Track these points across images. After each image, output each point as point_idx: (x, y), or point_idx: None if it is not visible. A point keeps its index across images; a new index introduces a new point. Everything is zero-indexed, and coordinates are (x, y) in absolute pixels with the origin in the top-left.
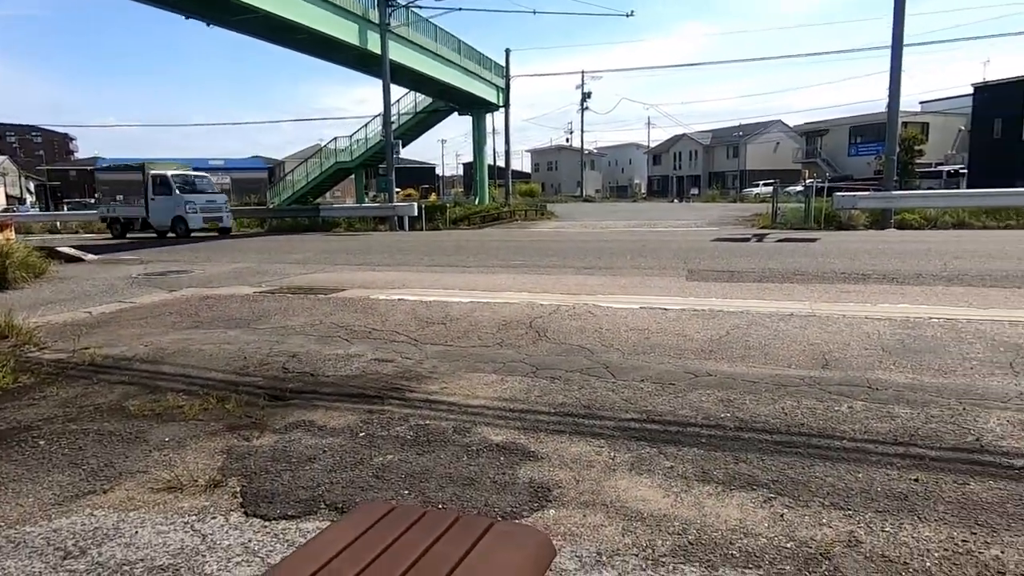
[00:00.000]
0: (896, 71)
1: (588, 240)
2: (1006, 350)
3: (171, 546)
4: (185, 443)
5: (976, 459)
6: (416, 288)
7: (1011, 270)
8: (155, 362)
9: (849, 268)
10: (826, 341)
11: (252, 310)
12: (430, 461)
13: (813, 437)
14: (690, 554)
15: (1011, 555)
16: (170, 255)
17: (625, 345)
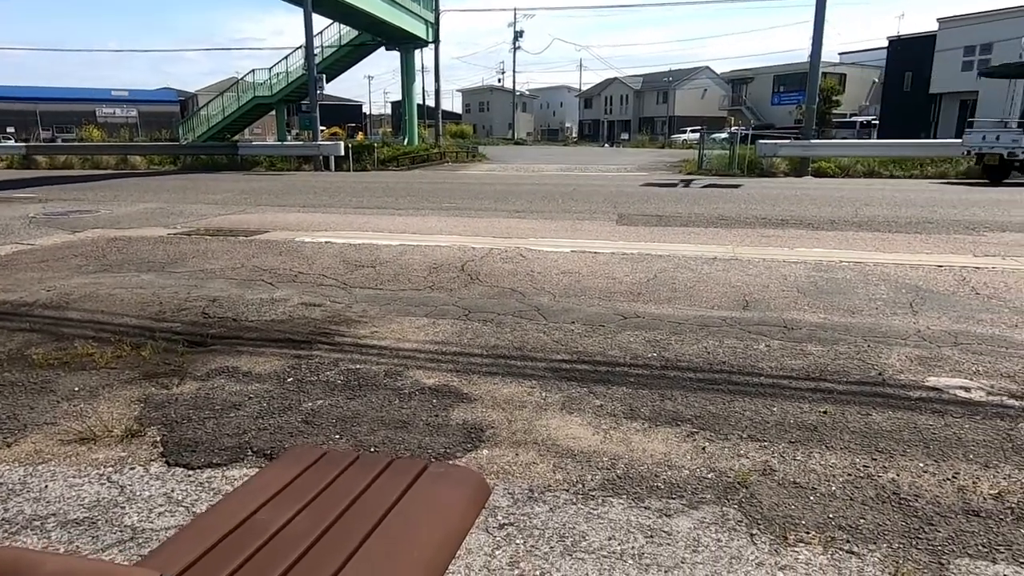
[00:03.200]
0: (819, 21)
1: (520, 184)
2: (907, 291)
3: (86, 499)
4: (97, 392)
5: (878, 392)
6: (344, 231)
7: (914, 217)
8: (60, 308)
9: (770, 214)
10: (747, 283)
11: (167, 253)
12: (361, 405)
13: (733, 374)
14: (618, 487)
15: (905, 477)
16: (72, 193)
17: (557, 288)
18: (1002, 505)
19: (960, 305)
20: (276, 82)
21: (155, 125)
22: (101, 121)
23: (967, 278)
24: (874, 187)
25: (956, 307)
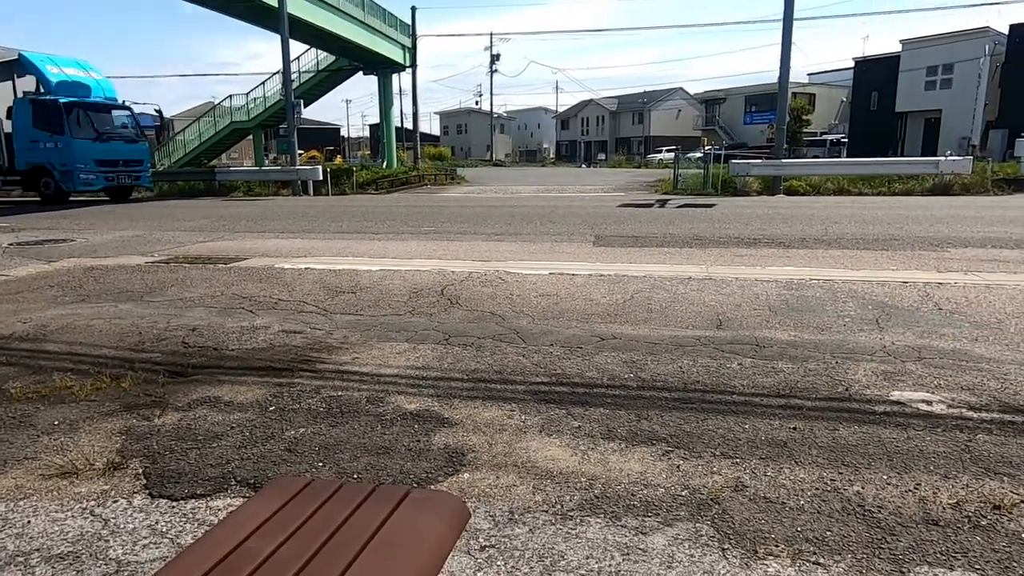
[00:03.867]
0: (787, 44)
1: (499, 206)
2: (873, 308)
3: (69, 533)
4: (78, 425)
5: (845, 407)
6: (324, 256)
7: (881, 234)
8: (37, 340)
9: (743, 233)
10: (720, 303)
11: (145, 282)
12: (344, 432)
13: (707, 393)
14: (596, 507)
15: (869, 490)
16: (46, 221)
17: (535, 311)
18: (960, 514)
19: (924, 320)
20: (254, 107)
21: None
22: None
23: (931, 294)
24: (843, 205)
25: (920, 322)
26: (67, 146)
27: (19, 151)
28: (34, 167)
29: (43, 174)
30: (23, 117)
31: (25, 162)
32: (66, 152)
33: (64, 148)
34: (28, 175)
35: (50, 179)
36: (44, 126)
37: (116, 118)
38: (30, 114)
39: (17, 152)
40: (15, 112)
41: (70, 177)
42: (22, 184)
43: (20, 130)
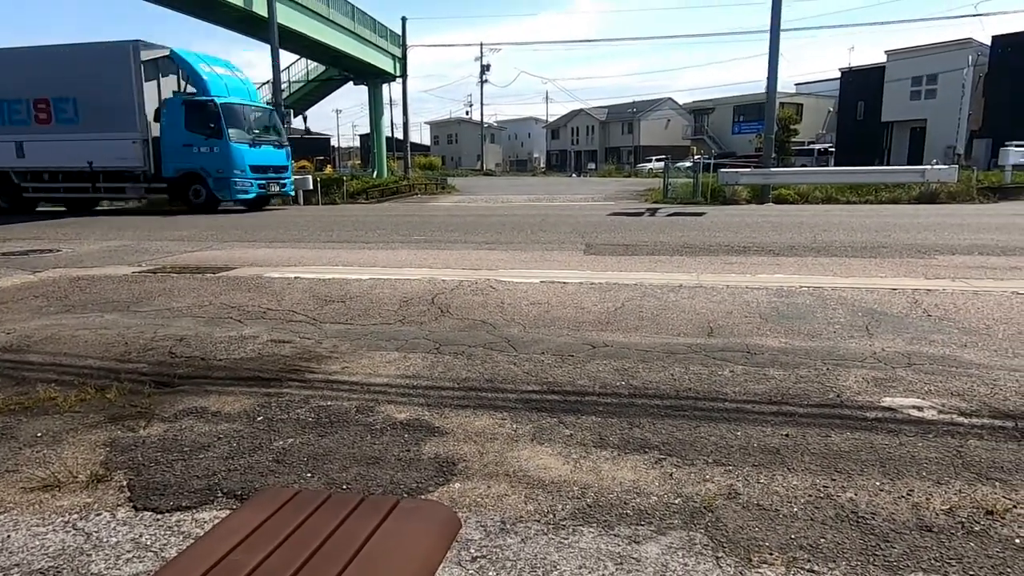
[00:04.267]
0: (774, 55)
1: (489, 215)
2: (863, 315)
3: (50, 548)
4: (61, 437)
5: (837, 413)
6: (313, 265)
7: (869, 241)
8: (20, 351)
9: (732, 241)
10: (711, 310)
11: (131, 292)
12: (333, 442)
13: (699, 400)
14: (589, 516)
15: (862, 496)
16: (31, 231)
17: (526, 319)
18: (953, 520)
19: (913, 327)
20: None
21: None
22: None
23: (919, 300)
24: (832, 213)
25: (909, 329)
26: (224, 151)
27: (168, 156)
28: (185, 174)
29: (193, 181)
30: (174, 119)
31: (175, 168)
32: (222, 157)
33: (221, 153)
34: (176, 183)
35: (202, 187)
36: (199, 129)
37: (265, 121)
38: (183, 116)
39: (165, 157)
40: (165, 113)
41: (226, 185)
42: (169, 192)
43: (170, 133)
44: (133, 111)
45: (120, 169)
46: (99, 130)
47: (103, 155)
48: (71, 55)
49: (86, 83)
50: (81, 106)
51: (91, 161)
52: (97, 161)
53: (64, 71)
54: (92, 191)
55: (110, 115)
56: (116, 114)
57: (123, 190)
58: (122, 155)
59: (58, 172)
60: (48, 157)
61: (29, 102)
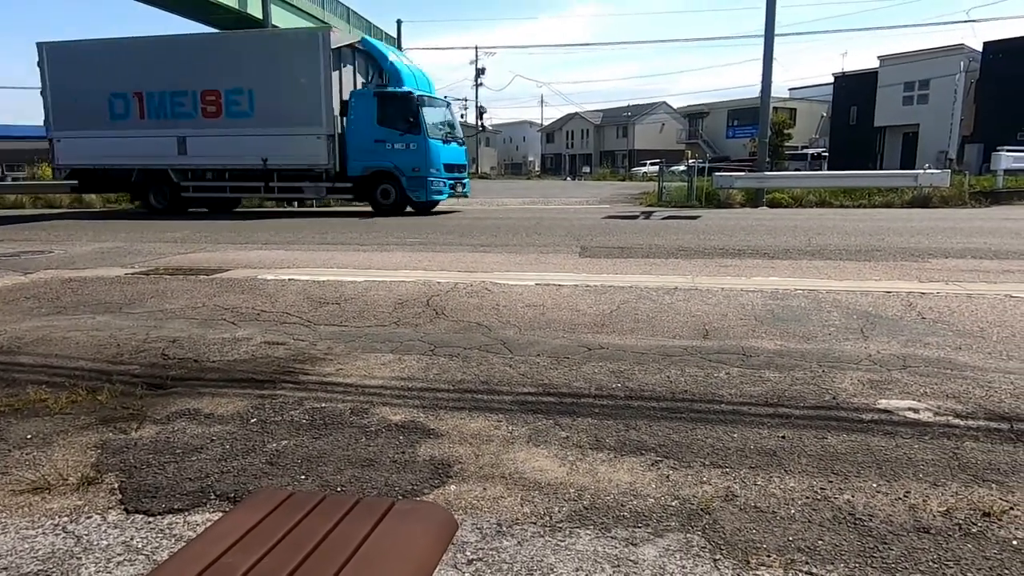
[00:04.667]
0: (768, 59)
1: (484, 217)
2: (858, 317)
3: (40, 551)
4: (51, 439)
5: (833, 415)
6: (307, 267)
7: (863, 245)
8: (10, 353)
9: (727, 244)
10: (707, 313)
11: (124, 293)
12: (327, 444)
13: (695, 402)
14: (585, 518)
15: (860, 498)
16: (23, 233)
17: (522, 321)
18: (950, 522)
19: (908, 329)
20: None
21: None
22: None
23: (914, 303)
24: (826, 216)
25: (904, 331)
26: (422, 148)
27: (355, 153)
28: (375, 172)
29: (383, 181)
30: (365, 113)
31: (363, 167)
32: (420, 155)
33: (418, 150)
34: (363, 182)
35: (392, 187)
36: (394, 123)
37: (446, 116)
38: (375, 109)
39: (352, 155)
40: (353, 107)
41: (421, 184)
42: (354, 193)
43: (359, 128)
44: (319, 104)
45: (298, 167)
46: (277, 125)
47: (280, 152)
48: (249, 43)
49: (265, 73)
50: (257, 98)
51: (265, 158)
52: (273, 159)
53: (239, 60)
54: (264, 191)
55: (292, 108)
56: (299, 107)
57: (300, 190)
58: (303, 152)
59: (224, 170)
60: (215, 154)
61: (196, 94)
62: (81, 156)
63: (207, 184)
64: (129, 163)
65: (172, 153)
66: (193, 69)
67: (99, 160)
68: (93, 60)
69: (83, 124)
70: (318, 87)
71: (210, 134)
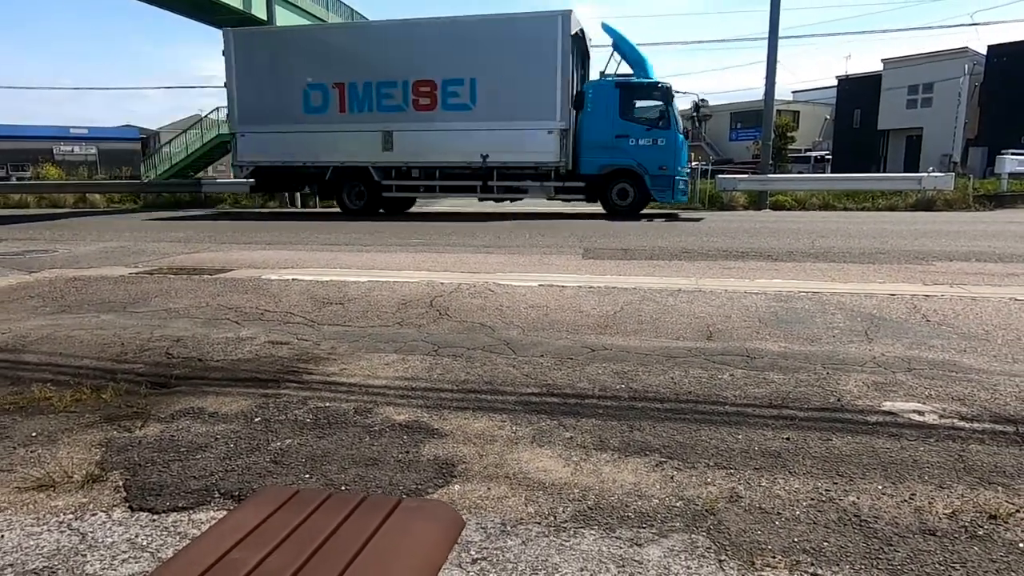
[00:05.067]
0: (772, 62)
1: (488, 219)
2: (862, 320)
3: (45, 548)
4: (56, 437)
5: (837, 417)
6: (311, 267)
7: (867, 248)
8: (15, 351)
9: (731, 246)
10: (710, 314)
11: (128, 292)
12: (331, 444)
13: (699, 404)
14: (590, 519)
15: (865, 500)
16: (28, 232)
17: (525, 322)
18: (956, 524)
19: (912, 332)
20: None
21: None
22: (59, 159)
23: (918, 306)
24: (829, 219)
25: (908, 334)
26: (671, 144)
27: (590, 149)
28: (613, 170)
29: (620, 180)
30: (604, 105)
31: (599, 164)
32: (668, 151)
33: (666, 146)
34: (597, 181)
35: (631, 186)
36: (639, 118)
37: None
38: (616, 101)
39: (585, 151)
40: (591, 98)
41: (667, 184)
42: (585, 192)
43: (597, 122)
44: (552, 95)
45: (522, 165)
46: (501, 118)
47: (503, 148)
48: (474, 28)
49: (490, 61)
50: (480, 89)
51: (485, 155)
52: (493, 155)
53: (460, 47)
54: (481, 191)
55: (519, 100)
56: (528, 99)
57: (523, 190)
58: (531, 148)
59: (435, 168)
60: (426, 150)
61: (407, 84)
62: (268, 152)
63: (412, 183)
64: (323, 160)
65: (375, 149)
66: (405, 57)
67: (288, 157)
68: (287, 49)
69: (272, 118)
70: (552, 76)
71: (422, 128)
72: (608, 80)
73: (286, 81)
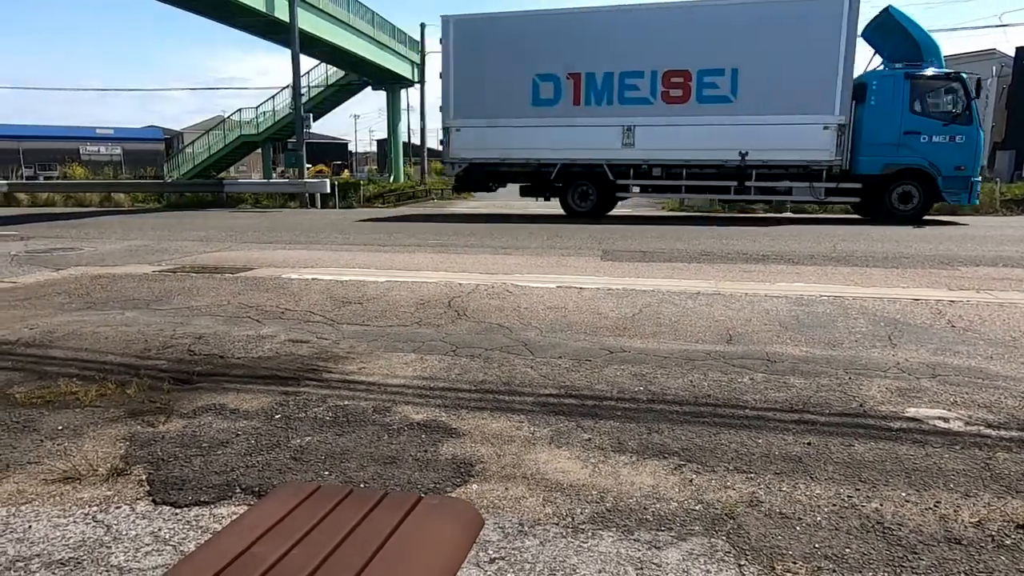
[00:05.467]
0: None
1: (506, 219)
2: (885, 324)
3: (71, 539)
4: (82, 431)
5: (860, 423)
6: (330, 267)
7: (890, 252)
8: (43, 346)
9: (751, 249)
10: (730, 318)
11: (152, 290)
12: (350, 442)
13: (719, 407)
14: (608, 520)
15: (888, 507)
16: (55, 230)
17: (543, 323)
18: (983, 533)
19: (937, 338)
20: (263, 121)
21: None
22: (85, 159)
23: (943, 311)
24: (852, 222)
25: (933, 340)
26: (971, 141)
27: (871, 147)
28: (899, 170)
29: (904, 181)
30: (891, 98)
31: (883, 163)
32: (968, 150)
33: (966, 144)
34: (875, 182)
35: (915, 189)
36: (935, 112)
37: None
38: (906, 94)
39: (865, 149)
40: (875, 90)
41: (963, 186)
42: (862, 195)
43: (882, 117)
44: (832, 86)
45: (788, 164)
46: (766, 112)
47: (766, 145)
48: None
49: (756, 49)
50: (742, 79)
51: (744, 152)
52: (754, 152)
53: (721, 33)
54: (735, 192)
55: (790, 92)
56: (801, 90)
57: (786, 191)
58: (802, 144)
59: (681, 166)
60: (674, 146)
61: (656, 74)
62: (486, 148)
63: (654, 183)
64: (549, 157)
65: (614, 145)
66: (654, 45)
67: (509, 153)
68: (514, 36)
69: (493, 111)
70: (833, 65)
71: (670, 123)
72: (897, 70)
73: (511, 71)
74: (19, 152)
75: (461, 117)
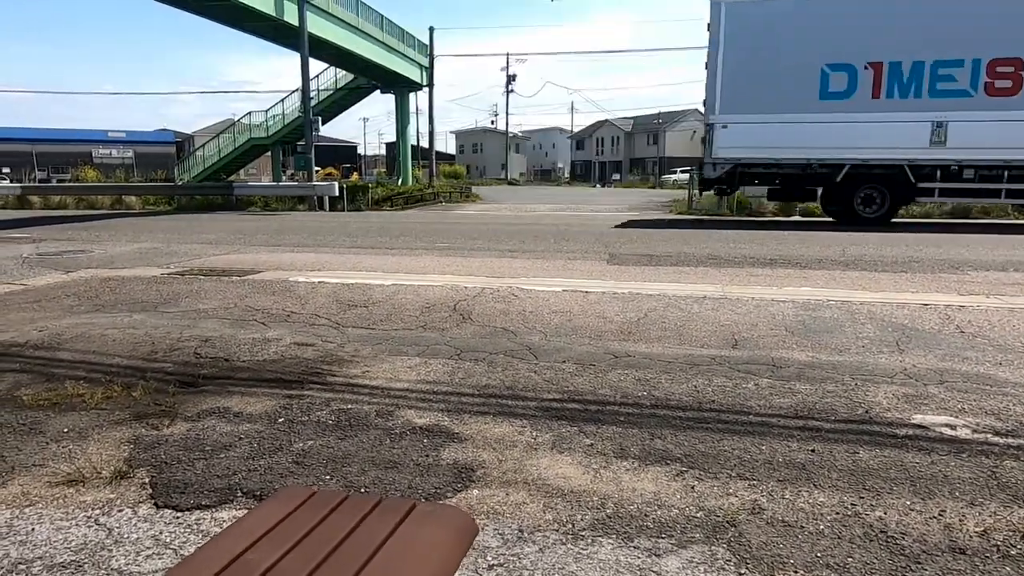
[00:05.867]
0: None
1: (513, 223)
2: (893, 330)
3: (73, 542)
4: (87, 433)
5: (865, 430)
6: (337, 270)
7: (900, 256)
8: (51, 348)
9: (758, 253)
10: (736, 322)
11: (159, 293)
12: (352, 446)
13: (722, 413)
14: (608, 527)
15: (892, 516)
16: (66, 233)
17: (548, 327)
18: (988, 543)
19: (945, 343)
20: (272, 124)
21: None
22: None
23: (952, 316)
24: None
25: (941, 345)
26: None
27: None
28: None
29: None
30: None
31: None
32: None
33: None
34: None
35: None
36: None
37: None
38: None
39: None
40: None
41: None
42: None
43: None
44: None
45: None
46: None
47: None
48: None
49: None
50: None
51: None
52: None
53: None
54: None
55: None
56: None
57: None
58: None
59: (1004, 168)
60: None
61: (978, 63)
62: (758, 146)
63: (964, 187)
64: (835, 157)
65: (919, 143)
66: (975, 29)
67: (785, 153)
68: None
69: (769, 106)
70: None
71: (994, 118)
72: None
73: (794, 60)
74: (32, 155)
75: (728, 112)
